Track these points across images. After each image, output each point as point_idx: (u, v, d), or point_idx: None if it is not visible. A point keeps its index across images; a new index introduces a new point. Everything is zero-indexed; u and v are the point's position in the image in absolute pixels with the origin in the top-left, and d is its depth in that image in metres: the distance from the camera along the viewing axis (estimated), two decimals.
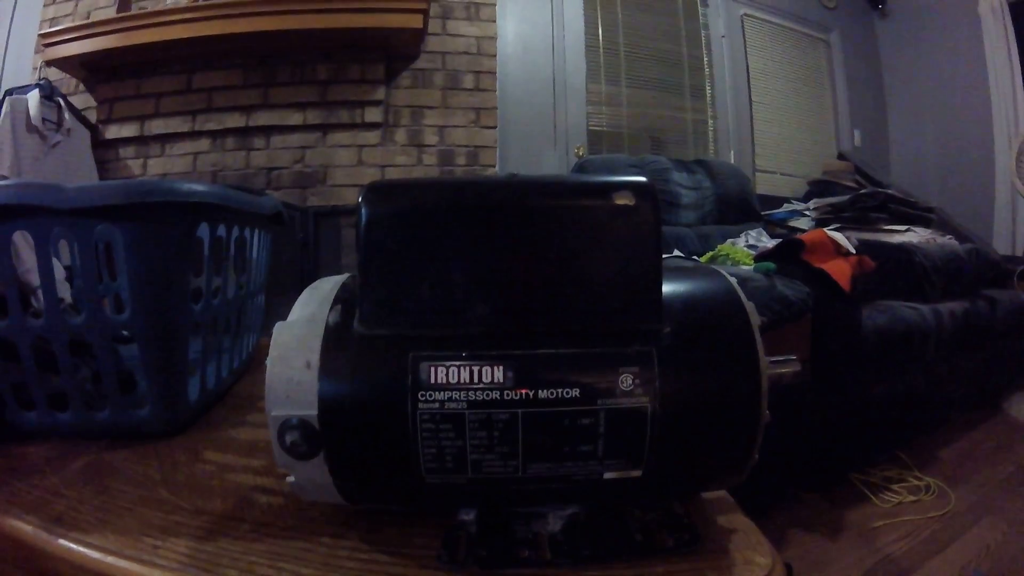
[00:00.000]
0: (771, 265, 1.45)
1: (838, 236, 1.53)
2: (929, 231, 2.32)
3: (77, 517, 0.34)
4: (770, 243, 1.98)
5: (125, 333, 0.45)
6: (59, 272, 0.50)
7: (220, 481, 0.41)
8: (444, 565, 0.30)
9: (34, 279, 0.48)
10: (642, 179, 0.29)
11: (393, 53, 2.40)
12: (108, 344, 0.45)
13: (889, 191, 2.42)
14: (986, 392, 2.16)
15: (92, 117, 2.32)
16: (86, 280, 0.44)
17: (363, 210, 0.29)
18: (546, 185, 0.30)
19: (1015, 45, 3.08)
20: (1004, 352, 2.14)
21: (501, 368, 0.27)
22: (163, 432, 0.48)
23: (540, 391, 0.27)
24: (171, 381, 0.47)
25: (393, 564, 0.30)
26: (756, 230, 2.38)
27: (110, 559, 0.30)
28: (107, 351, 0.45)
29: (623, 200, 0.28)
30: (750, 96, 3.28)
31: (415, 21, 2.23)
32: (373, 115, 2.38)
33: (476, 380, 0.27)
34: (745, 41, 3.30)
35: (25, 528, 0.33)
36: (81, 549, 0.31)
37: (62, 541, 0.32)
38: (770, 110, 3.36)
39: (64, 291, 0.52)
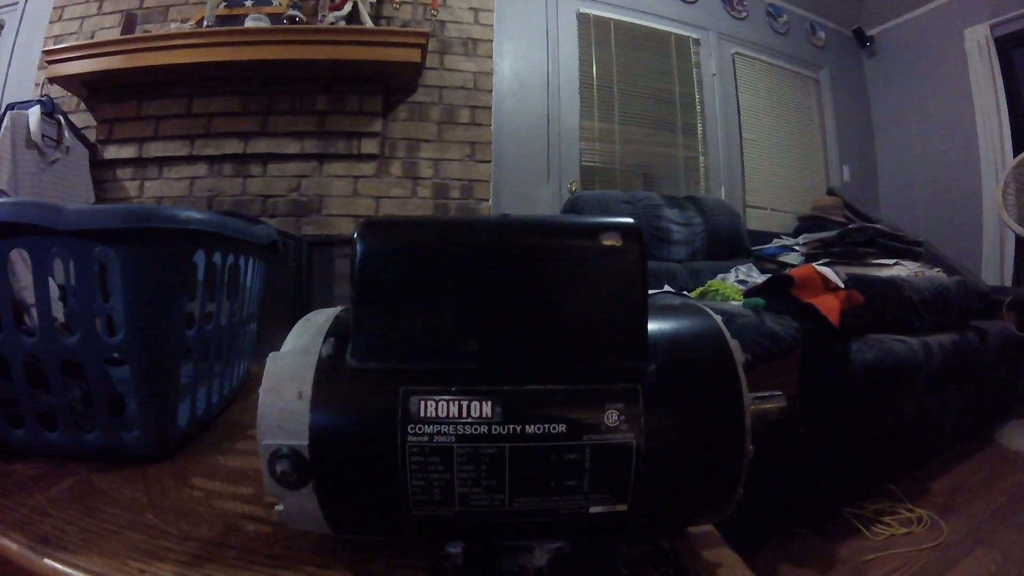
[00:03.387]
0: (760, 301, 1.46)
1: (827, 271, 1.54)
2: (917, 264, 2.35)
3: (63, 537, 0.34)
4: (760, 278, 1.99)
5: (116, 355, 0.46)
6: (52, 291, 0.50)
7: (207, 507, 0.40)
8: None
9: (28, 297, 0.48)
10: (629, 220, 0.30)
11: (391, 86, 2.44)
12: (100, 365, 0.45)
13: (877, 225, 2.45)
14: (977, 423, 2.16)
15: (92, 136, 2.33)
16: (82, 301, 0.45)
17: (358, 246, 0.30)
18: (536, 225, 0.30)
19: (1001, 80, 3.16)
20: (994, 383, 2.15)
21: (490, 403, 0.27)
22: (151, 456, 0.47)
23: (527, 426, 0.27)
24: (161, 405, 0.47)
25: None
26: (746, 265, 2.40)
27: None
28: (98, 372, 0.45)
29: (610, 241, 0.29)
30: (740, 133, 3.35)
31: (414, 55, 2.26)
32: (370, 147, 2.40)
33: (465, 415, 0.27)
34: (736, 79, 3.37)
35: (10, 546, 0.33)
36: (66, 570, 0.31)
37: (47, 561, 0.32)
38: (760, 147, 3.42)
39: (57, 310, 0.52)
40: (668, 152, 3.18)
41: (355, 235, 0.30)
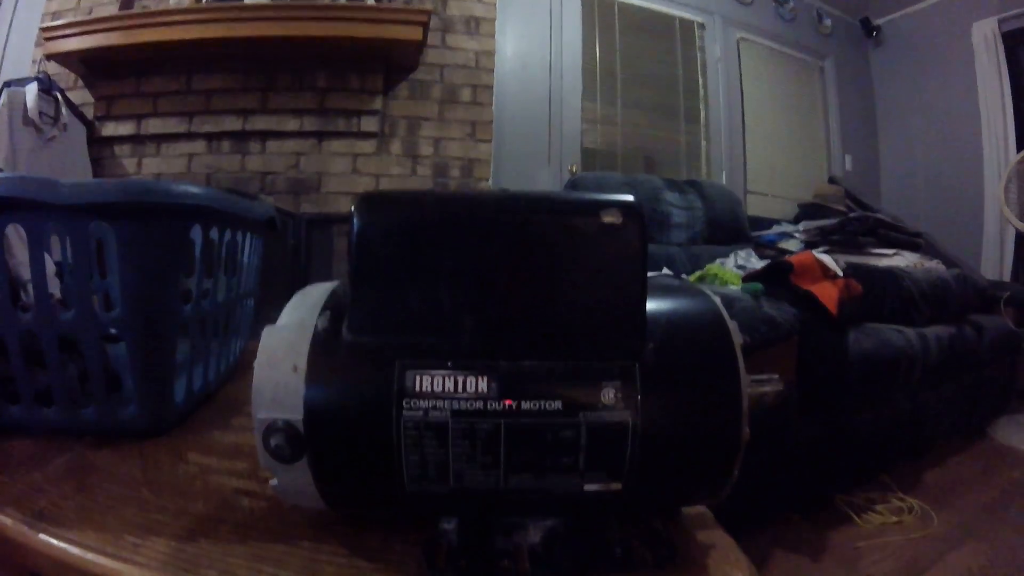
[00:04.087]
0: (759, 286, 1.46)
1: (826, 259, 1.54)
2: (917, 256, 2.34)
3: (59, 513, 0.34)
4: (759, 264, 1.99)
5: (113, 331, 0.45)
6: (49, 267, 0.50)
7: (203, 483, 0.41)
8: (424, 573, 0.30)
9: (25, 273, 0.48)
10: (630, 198, 0.29)
11: (392, 64, 2.42)
12: (96, 341, 0.45)
13: (878, 215, 2.45)
14: (972, 417, 2.17)
15: (89, 113, 2.31)
16: (78, 277, 0.44)
17: (355, 220, 0.29)
18: (536, 201, 0.30)
19: (1007, 75, 3.14)
20: (990, 378, 2.15)
21: (486, 379, 0.27)
22: (147, 432, 0.47)
23: (523, 402, 0.27)
24: (157, 381, 0.47)
25: (373, 571, 0.30)
26: (745, 251, 2.39)
27: (90, 556, 0.30)
28: (95, 348, 0.45)
29: (611, 218, 0.29)
30: (743, 119, 3.33)
31: (415, 33, 2.24)
32: (369, 125, 2.39)
33: (461, 390, 0.27)
34: (740, 65, 3.34)
35: (6, 522, 0.33)
36: (62, 545, 0.31)
37: (43, 536, 0.32)
38: (763, 133, 3.40)
39: (53, 287, 0.52)
40: (670, 137, 3.16)
41: (353, 208, 0.29)
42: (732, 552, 0.34)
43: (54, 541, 0.32)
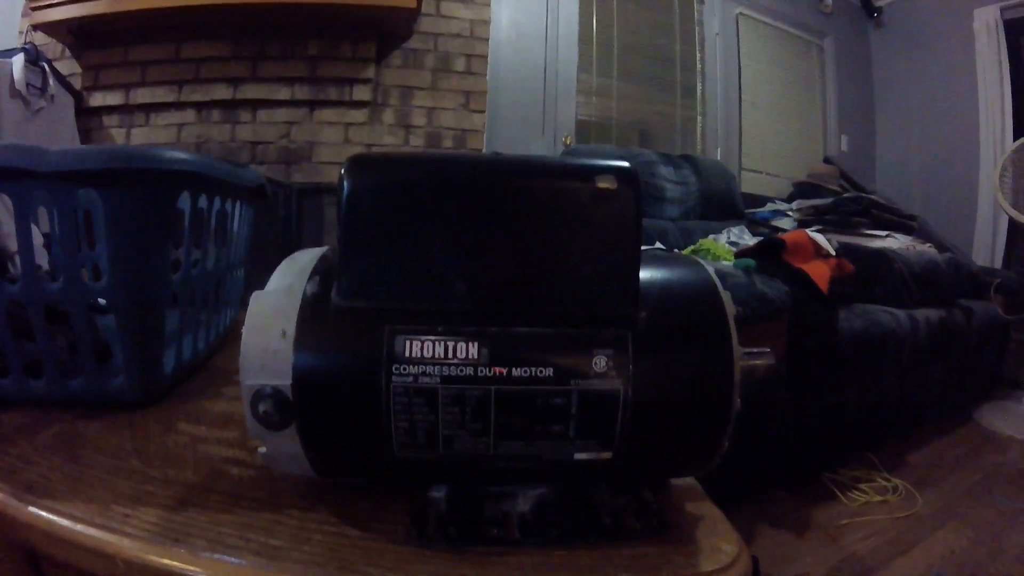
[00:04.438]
0: (751, 262, 1.46)
1: (819, 238, 1.54)
2: (910, 238, 2.35)
3: (48, 485, 0.34)
4: (751, 241, 2.00)
5: (102, 302, 0.45)
6: (36, 240, 0.49)
7: (192, 452, 0.41)
8: (413, 541, 0.30)
9: (12, 244, 0.47)
10: (625, 164, 0.29)
11: (385, 32, 2.37)
12: (84, 311, 0.44)
13: (872, 196, 2.45)
14: (958, 401, 2.20)
15: (77, 84, 2.26)
16: (65, 245, 0.44)
17: (345, 182, 0.29)
18: (529, 165, 0.30)
19: (1007, 64, 3.12)
20: (977, 363, 2.18)
21: (476, 345, 0.27)
22: (137, 402, 0.47)
23: (514, 369, 0.27)
24: (146, 350, 0.47)
25: (362, 538, 0.30)
26: (738, 228, 2.40)
27: (80, 527, 0.30)
28: (83, 318, 0.44)
29: (605, 184, 0.28)
30: (740, 95, 3.30)
31: (409, 1, 2.20)
32: (362, 93, 2.35)
33: (451, 356, 0.27)
34: (739, 40, 3.30)
35: None
36: (51, 517, 0.31)
37: (32, 508, 0.32)
38: (759, 110, 3.38)
39: (41, 259, 0.51)
40: (666, 111, 3.13)
41: (343, 170, 0.29)
42: (720, 524, 0.34)
43: (44, 513, 0.31)
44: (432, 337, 0.27)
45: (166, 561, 0.28)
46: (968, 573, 1.22)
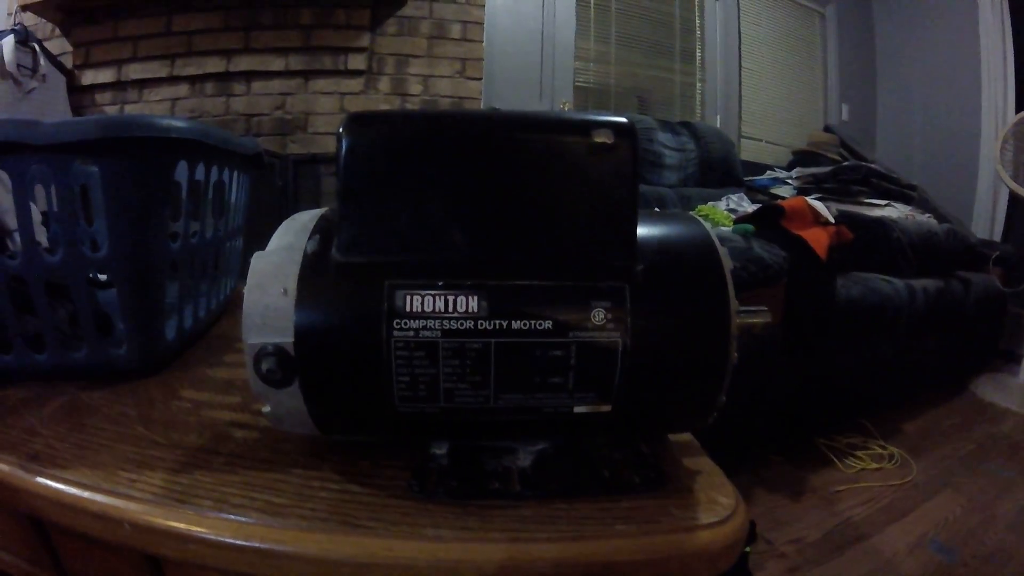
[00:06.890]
0: (750, 227, 1.46)
1: (818, 205, 1.54)
2: (909, 208, 2.35)
3: (54, 455, 0.34)
4: (750, 208, 1.99)
5: (102, 278, 0.45)
6: (35, 216, 0.49)
7: (196, 417, 0.41)
8: (415, 495, 0.30)
9: (10, 221, 0.47)
10: (622, 119, 0.29)
11: None
12: (84, 283, 0.44)
13: (872, 165, 2.44)
14: (953, 371, 2.21)
15: (68, 62, 2.23)
16: (63, 219, 0.43)
17: (344, 139, 0.29)
18: (527, 119, 0.29)
19: (1011, 35, 3.07)
20: (974, 334, 2.18)
21: (476, 298, 0.27)
22: (140, 372, 0.47)
23: (513, 322, 0.27)
24: (148, 320, 0.47)
25: (365, 494, 0.31)
26: (737, 195, 2.38)
27: (87, 494, 0.31)
28: (83, 290, 0.44)
29: (602, 137, 0.28)
30: (740, 62, 3.25)
31: None
32: (357, 62, 2.32)
33: (451, 309, 0.27)
34: (739, 6, 3.25)
35: (2, 467, 0.33)
36: (58, 485, 0.31)
37: (39, 478, 0.32)
38: (760, 77, 3.34)
39: (41, 236, 0.51)
40: (665, 77, 3.09)
41: (342, 128, 0.29)
42: (717, 477, 0.34)
43: (50, 482, 0.32)
44: (432, 291, 0.27)
45: (172, 523, 0.29)
46: (961, 540, 1.24)
